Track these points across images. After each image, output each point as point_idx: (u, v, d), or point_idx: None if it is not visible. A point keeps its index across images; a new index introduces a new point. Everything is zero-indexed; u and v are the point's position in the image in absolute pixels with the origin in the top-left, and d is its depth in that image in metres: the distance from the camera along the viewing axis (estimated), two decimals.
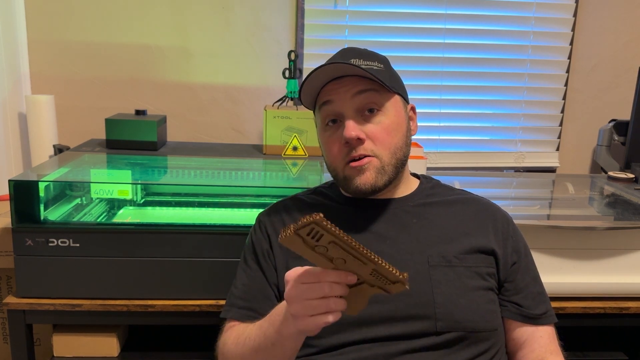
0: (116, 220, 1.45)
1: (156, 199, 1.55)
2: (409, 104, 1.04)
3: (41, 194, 1.24)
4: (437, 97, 2.04)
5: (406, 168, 1.05)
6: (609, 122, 2.03)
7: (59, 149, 1.65)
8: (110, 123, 1.61)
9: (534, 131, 2.11)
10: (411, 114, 1.05)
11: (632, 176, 1.69)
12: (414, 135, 1.05)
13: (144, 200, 1.55)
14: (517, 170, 2.12)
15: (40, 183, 1.24)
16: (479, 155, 2.09)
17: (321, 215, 0.64)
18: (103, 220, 1.43)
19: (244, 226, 1.26)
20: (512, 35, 2.03)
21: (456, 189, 1.10)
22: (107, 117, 1.63)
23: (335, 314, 0.74)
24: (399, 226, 0.99)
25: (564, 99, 2.09)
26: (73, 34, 1.87)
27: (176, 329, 1.48)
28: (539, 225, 1.30)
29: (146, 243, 1.25)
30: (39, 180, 1.25)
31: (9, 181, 1.21)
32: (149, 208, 1.53)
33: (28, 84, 1.87)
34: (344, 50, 1.03)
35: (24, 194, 1.22)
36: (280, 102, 1.76)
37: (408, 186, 1.05)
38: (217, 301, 1.27)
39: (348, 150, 0.96)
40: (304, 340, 0.91)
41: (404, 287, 0.74)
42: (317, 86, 0.98)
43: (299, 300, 0.74)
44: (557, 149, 2.13)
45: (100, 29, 1.87)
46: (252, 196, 1.51)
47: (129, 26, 1.88)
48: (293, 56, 1.76)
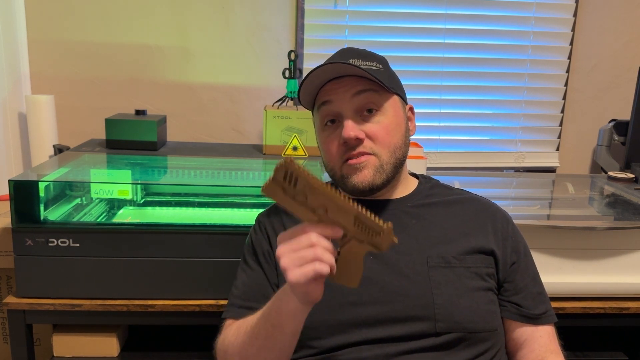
0: (116, 220, 1.45)
1: (156, 199, 1.55)
2: (407, 105, 1.05)
3: (41, 194, 1.24)
4: (437, 97, 2.04)
5: (405, 168, 1.05)
6: (609, 122, 2.03)
7: (59, 149, 1.65)
8: (110, 123, 1.61)
9: (534, 131, 2.11)
10: (409, 114, 1.05)
11: (632, 176, 1.69)
12: (412, 136, 1.06)
13: (144, 200, 1.55)
14: (517, 170, 2.12)
15: (40, 183, 1.24)
16: (479, 155, 2.09)
17: (291, 158, 0.72)
18: (103, 220, 1.43)
19: (244, 226, 1.26)
20: (512, 35, 2.03)
21: (455, 188, 1.10)
22: (107, 117, 1.63)
23: (323, 264, 0.73)
24: (398, 227, 0.98)
25: (564, 99, 2.09)
26: (73, 34, 1.87)
27: (176, 329, 1.48)
28: (539, 225, 1.30)
29: (146, 243, 1.25)
30: (39, 180, 1.25)
31: (9, 181, 1.21)
32: (149, 208, 1.53)
33: (28, 84, 1.87)
34: (342, 50, 1.03)
35: (24, 194, 1.22)
36: (280, 102, 1.76)
37: (407, 186, 1.05)
38: (217, 301, 1.27)
39: (346, 149, 0.96)
40: (304, 341, 0.91)
41: (392, 238, 0.75)
42: (316, 86, 0.98)
43: (287, 252, 0.75)
44: (557, 149, 2.13)
45: (100, 29, 1.87)
46: (252, 196, 1.51)
47: (129, 26, 1.88)
48: (293, 56, 1.76)
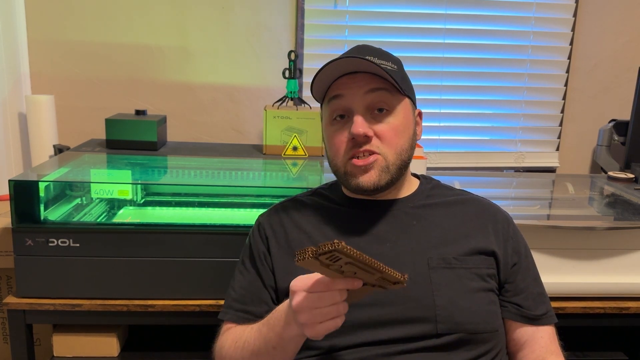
0: (116, 220, 1.45)
1: (156, 199, 1.55)
2: (416, 109, 1.04)
3: (41, 194, 1.24)
4: (437, 97, 2.04)
5: (408, 170, 1.04)
6: (609, 122, 2.03)
7: (59, 149, 1.65)
8: (110, 123, 1.61)
9: (534, 131, 2.11)
10: (417, 119, 1.04)
11: (632, 176, 1.69)
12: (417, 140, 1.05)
13: (144, 200, 1.55)
14: (517, 170, 2.12)
15: (40, 183, 1.24)
16: (479, 155, 2.09)
17: (343, 244, 0.66)
18: (103, 220, 1.43)
19: (244, 226, 1.26)
20: (512, 35, 2.03)
21: (456, 189, 1.10)
22: (107, 117, 1.63)
23: (342, 317, 0.76)
24: (399, 228, 0.99)
25: (564, 99, 2.09)
26: (73, 34, 1.87)
27: (176, 329, 1.48)
28: (539, 225, 1.30)
29: (146, 243, 1.25)
30: (39, 180, 1.25)
31: (9, 181, 1.21)
32: (149, 208, 1.53)
33: (28, 84, 1.87)
34: (358, 46, 1.01)
35: (24, 194, 1.22)
36: (280, 102, 1.76)
37: (408, 187, 1.05)
38: (217, 301, 1.27)
39: (353, 145, 0.95)
40: (305, 343, 0.91)
41: (403, 285, 0.76)
42: (329, 79, 0.97)
43: (308, 309, 0.75)
44: (557, 149, 2.13)
45: (100, 29, 1.87)
46: (252, 196, 1.51)
47: (129, 26, 1.88)
48: (293, 56, 1.76)
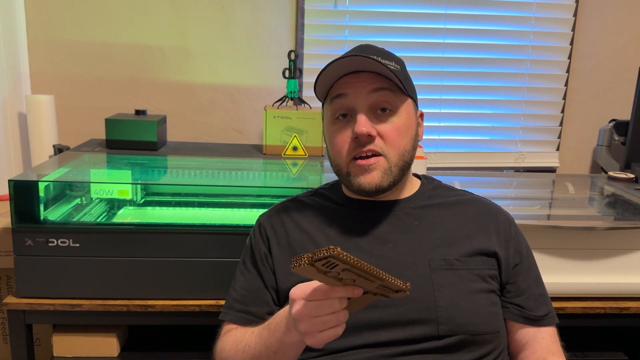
0: (116, 220, 1.45)
1: (156, 199, 1.55)
2: (418, 110, 1.04)
3: (41, 194, 1.24)
4: (437, 97, 2.04)
5: (409, 171, 1.04)
6: (609, 122, 2.03)
7: (59, 149, 1.65)
8: (110, 123, 1.61)
9: (534, 131, 2.11)
10: (419, 120, 1.04)
11: (632, 176, 1.69)
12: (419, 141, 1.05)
13: (144, 200, 1.55)
14: (517, 170, 2.12)
15: (40, 183, 1.24)
16: (479, 155, 2.09)
17: (339, 249, 0.65)
18: (103, 220, 1.43)
19: (244, 226, 1.26)
20: (512, 35, 2.03)
21: (457, 189, 1.10)
22: (107, 117, 1.63)
23: (343, 325, 0.75)
24: (400, 229, 0.99)
25: (564, 99, 2.09)
26: (73, 34, 1.86)
27: (176, 329, 1.48)
28: (539, 225, 1.30)
29: (146, 243, 1.25)
30: (39, 180, 1.25)
31: (9, 181, 1.21)
32: (149, 208, 1.53)
33: (28, 84, 1.87)
34: (361, 46, 1.01)
35: (24, 194, 1.22)
36: (280, 102, 1.76)
37: (410, 188, 1.05)
38: (217, 301, 1.27)
39: (355, 145, 0.95)
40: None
41: (405, 293, 0.76)
42: (332, 78, 0.97)
43: (308, 318, 0.75)
44: (557, 149, 2.13)
45: (100, 29, 1.87)
46: (252, 196, 1.51)
47: (129, 26, 1.88)
48: (293, 56, 1.76)
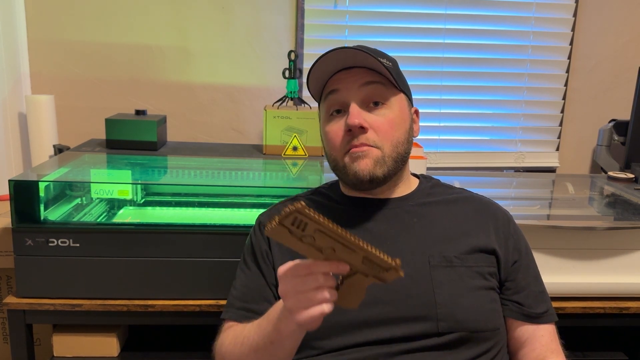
0: (116, 220, 1.45)
1: (156, 199, 1.55)
2: (412, 107, 1.05)
3: (41, 194, 1.24)
4: (437, 97, 2.04)
5: (407, 168, 1.05)
6: (609, 122, 2.03)
7: (59, 149, 1.65)
8: (110, 123, 1.61)
9: (534, 131, 2.11)
10: (414, 116, 1.05)
11: (632, 176, 1.69)
12: (414, 138, 1.05)
13: (144, 200, 1.55)
14: (517, 170, 2.12)
15: (40, 183, 1.24)
16: (479, 155, 2.09)
17: (302, 204, 0.64)
18: (103, 220, 1.43)
19: (244, 226, 1.26)
20: (512, 35, 2.03)
21: (456, 187, 1.10)
22: (107, 117, 1.63)
23: (329, 304, 0.73)
24: (399, 226, 0.99)
25: (564, 99, 2.09)
26: (73, 34, 1.87)
27: (176, 329, 1.48)
28: (539, 225, 1.30)
29: (146, 243, 1.25)
30: (39, 180, 1.25)
31: (9, 181, 1.21)
32: (149, 208, 1.53)
33: (28, 84, 1.87)
34: (353, 45, 1.03)
35: (24, 194, 1.22)
36: (280, 102, 1.76)
37: (408, 186, 1.05)
38: (217, 301, 1.27)
39: (349, 138, 0.95)
40: (306, 342, 0.91)
41: (398, 273, 0.72)
42: (324, 76, 0.98)
43: (293, 294, 0.74)
44: (557, 149, 2.13)
45: (100, 29, 1.87)
46: (252, 196, 1.51)
47: (129, 26, 1.88)
48: (293, 56, 1.76)
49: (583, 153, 2.15)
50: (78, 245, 1.24)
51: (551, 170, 2.14)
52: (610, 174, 1.72)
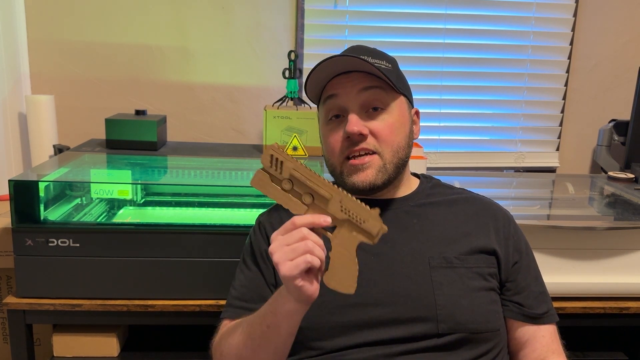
0: (116, 220, 1.45)
1: (156, 199, 1.55)
2: (413, 108, 1.04)
3: (41, 194, 1.24)
4: (437, 97, 2.04)
5: (407, 169, 1.04)
6: (609, 122, 2.03)
7: (59, 149, 1.65)
8: (110, 123, 1.61)
9: (534, 131, 2.11)
10: (415, 117, 1.05)
11: (632, 176, 1.69)
12: (415, 139, 1.05)
13: (144, 200, 1.55)
14: (517, 170, 2.12)
15: (40, 183, 1.24)
16: (479, 155, 2.09)
17: (277, 144, 0.77)
18: (103, 220, 1.43)
19: (244, 226, 1.26)
20: (512, 35, 2.03)
21: (456, 187, 1.10)
22: (107, 117, 1.63)
23: (314, 257, 0.75)
24: (399, 227, 0.99)
25: (564, 99, 2.09)
26: (73, 34, 1.87)
27: (176, 329, 1.48)
28: (539, 225, 1.30)
29: (146, 243, 1.25)
30: (39, 180, 1.25)
31: (9, 181, 1.21)
32: (149, 208, 1.53)
33: (28, 84, 1.87)
34: (353, 47, 1.02)
35: (24, 194, 1.22)
36: (280, 102, 1.76)
37: (408, 186, 1.05)
38: (217, 301, 1.27)
39: (348, 144, 0.95)
40: (306, 343, 0.91)
41: (380, 224, 0.77)
42: (323, 80, 0.98)
43: (279, 248, 0.77)
44: (557, 149, 2.13)
45: (100, 29, 1.87)
46: (252, 196, 1.51)
47: (129, 26, 1.88)
48: (293, 56, 1.76)
49: (583, 153, 2.15)
50: (78, 245, 1.24)
51: (551, 170, 2.14)
52: (610, 174, 1.72)
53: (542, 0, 2.00)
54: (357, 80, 0.96)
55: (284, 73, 1.77)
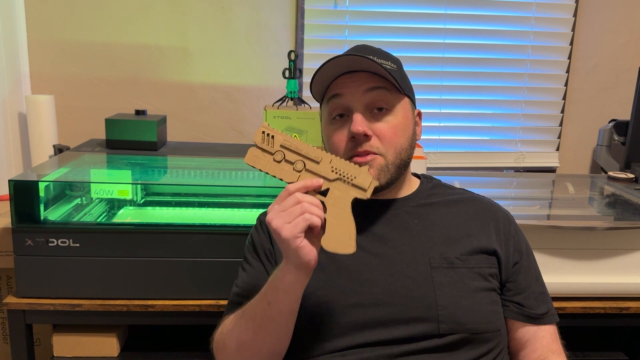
0: (116, 220, 1.45)
1: (156, 199, 1.55)
2: (416, 109, 1.04)
3: (41, 194, 1.24)
4: (437, 97, 2.04)
5: (408, 170, 1.04)
6: (609, 122, 2.03)
7: (59, 149, 1.65)
8: (110, 123, 1.61)
9: (534, 131, 2.11)
10: (417, 119, 1.04)
11: (632, 176, 1.69)
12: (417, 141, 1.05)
13: (144, 200, 1.55)
14: (517, 170, 2.12)
15: (40, 183, 1.24)
16: (479, 155, 2.09)
17: (267, 123, 0.84)
18: (103, 220, 1.43)
19: (244, 226, 1.26)
20: (512, 35, 2.03)
21: (457, 188, 1.10)
22: (107, 117, 1.63)
23: (313, 215, 0.78)
24: (400, 227, 0.99)
25: (564, 99, 2.09)
26: (73, 34, 1.87)
27: (176, 329, 1.48)
28: (539, 225, 1.30)
29: (146, 243, 1.25)
30: (39, 180, 1.25)
31: (9, 181, 1.21)
32: (149, 208, 1.53)
33: (28, 84, 1.87)
34: (358, 46, 1.02)
35: (24, 194, 1.22)
36: (280, 102, 1.76)
37: (409, 187, 1.05)
38: (217, 301, 1.27)
39: (353, 145, 0.94)
40: (308, 343, 0.91)
41: (370, 178, 0.81)
42: (328, 78, 0.97)
43: (277, 214, 0.79)
44: (557, 149, 2.13)
45: (100, 29, 1.87)
46: (252, 196, 1.51)
47: (129, 26, 1.88)
48: (293, 56, 1.76)
49: (583, 153, 2.15)
50: (78, 245, 1.24)
51: (551, 170, 2.14)
52: (610, 174, 1.72)
53: (542, 0, 2.00)
54: (362, 80, 0.95)
55: (284, 73, 1.77)
